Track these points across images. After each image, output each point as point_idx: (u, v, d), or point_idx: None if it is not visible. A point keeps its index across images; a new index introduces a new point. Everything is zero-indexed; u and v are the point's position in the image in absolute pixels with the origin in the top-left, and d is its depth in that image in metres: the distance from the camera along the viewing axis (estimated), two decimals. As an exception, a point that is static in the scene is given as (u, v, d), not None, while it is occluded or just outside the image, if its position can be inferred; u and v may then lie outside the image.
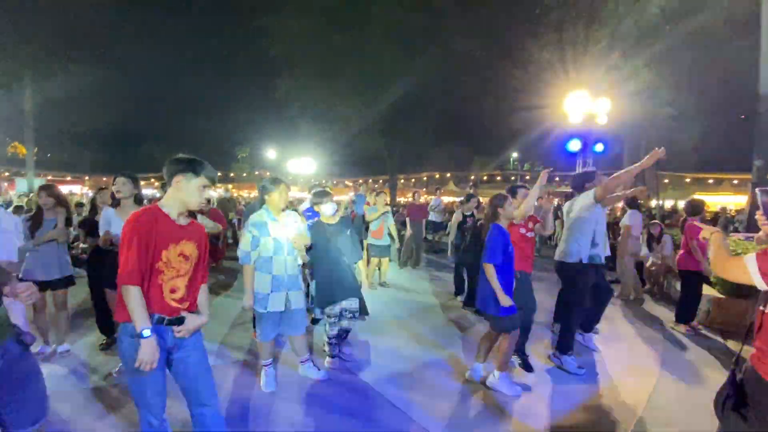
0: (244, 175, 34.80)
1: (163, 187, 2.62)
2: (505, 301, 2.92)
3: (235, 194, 21.80)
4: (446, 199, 16.35)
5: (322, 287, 3.36)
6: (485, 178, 36.96)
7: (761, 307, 1.55)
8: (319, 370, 3.28)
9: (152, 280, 1.77)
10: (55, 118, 19.28)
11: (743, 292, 4.56)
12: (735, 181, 25.25)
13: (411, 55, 17.28)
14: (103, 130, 28.49)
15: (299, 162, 18.48)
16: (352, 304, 3.40)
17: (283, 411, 2.78)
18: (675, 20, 11.51)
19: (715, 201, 18.49)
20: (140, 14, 22.69)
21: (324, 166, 22.97)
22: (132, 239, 1.72)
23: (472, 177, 34.69)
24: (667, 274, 6.42)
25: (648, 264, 6.53)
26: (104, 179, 38.42)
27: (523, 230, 3.55)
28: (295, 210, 3.93)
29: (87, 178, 39.39)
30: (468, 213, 5.70)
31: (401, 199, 22.85)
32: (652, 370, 3.62)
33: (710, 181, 27.56)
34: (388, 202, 9.22)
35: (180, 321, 1.85)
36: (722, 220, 11.28)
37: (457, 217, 5.82)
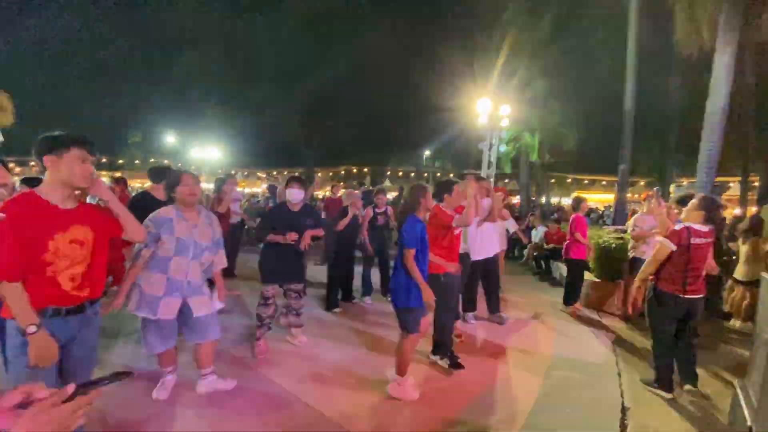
0: (136, 162, 30.65)
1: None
2: (425, 289, 2.86)
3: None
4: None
5: (267, 264, 3.55)
6: (401, 173, 38.19)
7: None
8: (225, 379, 2.94)
9: (41, 273, 1.64)
10: None
11: (613, 276, 5.39)
12: (603, 182, 29.99)
13: (328, 46, 16.97)
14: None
15: (203, 149, 16.94)
16: (298, 287, 3.67)
17: (183, 423, 2.48)
18: (562, 39, 13.11)
19: (589, 198, 21.74)
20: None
21: (233, 154, 21.41)
22: (3, 232, 1.56)
23: (388, 172, 35.61)
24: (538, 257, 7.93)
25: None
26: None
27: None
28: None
29: None
30: (380, 211, 5.57)
31: (319, 193, 22.42)
32: (547, 348, 4.08)
33: (585, 181, 32.36)
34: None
35: (81, 309, 1.77)
36: (594, 215, 13.28)
37: (368, 213, 5.68)
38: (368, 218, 5.31)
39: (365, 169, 37.69)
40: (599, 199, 24.72)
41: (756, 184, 14.27)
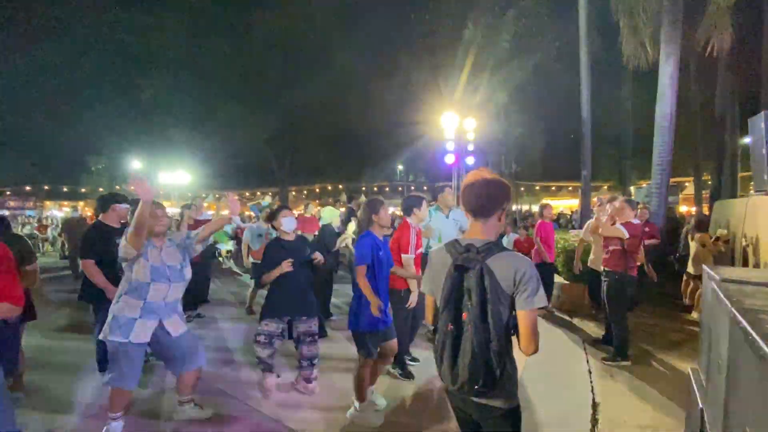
0: (100, 190, 29.39)
1: None
2: (374, 304, 2.69)
3: (88, 213, 18.37)
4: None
5: (273, 299, 3.15)
6: (376, 188, 38.41)
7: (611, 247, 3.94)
8: (202, 408, 2.86)
9: None
10: None
11: (580, 277, 5.59)
12: (570, 188, 31.19)
13: (295, 66, 17.15)
14: None
15: (172, 174, 16.53)
16: (310, 326, 3.21)
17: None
18: (520, 55, 13.79)
19: (557, 204, 22.64)
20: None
21: (204, 177, 20.99)
22: None
23: (363, 188, 35.70)
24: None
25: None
26: None
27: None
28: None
29: None
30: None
31: (295, 211, 22.20)
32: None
33: (553, 188, 33.58)
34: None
35: None
36: (563, 220, 13.79)
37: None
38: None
39: (340, 186, 37.66)
40: (567, 204, 25.66)
41: (710, 182, 15.23)
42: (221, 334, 4.68)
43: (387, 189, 39.15)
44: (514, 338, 1.48)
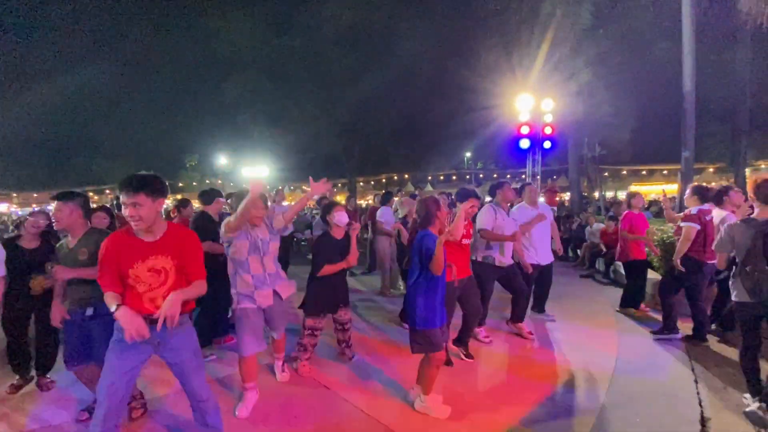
0: (194, 184, 32.96)
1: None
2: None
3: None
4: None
5: (316, 296, 3.44)
6: (442, 177, 37.75)
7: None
8: (283, 372, 3.37)
9: (129, 291, 1.98)
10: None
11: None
12: (665, 172, 27.70)
13: (363, 58, 17.35)
14: (31, 141, 25.94)
15: (253, 168, 17.84)
16: (346, 313, 3.60)
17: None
18: (607, 25, 12.40)
19: (648, 190, 20.26)
20: (68, 10, 20.92)
21: (280, 171, 22.37)
22: (100, 261, 1.97)
23: (429, 177, 35.26)
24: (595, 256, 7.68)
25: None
26: (35, 195, 35.02)
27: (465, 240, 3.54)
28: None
29: (15, 195, 35.75)
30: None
31: (362, 202, 22.82)
32: (609, 353, 3.82)
33: (644, 172, 30.07)
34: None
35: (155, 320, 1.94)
36: (656, 208, 12.27)
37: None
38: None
39: (406, 176, 37.66)
40: (661, 191, 22.83)
41: None
42: (298, 318, 4.98)
43: (454, 177, 38.24)
44: None
